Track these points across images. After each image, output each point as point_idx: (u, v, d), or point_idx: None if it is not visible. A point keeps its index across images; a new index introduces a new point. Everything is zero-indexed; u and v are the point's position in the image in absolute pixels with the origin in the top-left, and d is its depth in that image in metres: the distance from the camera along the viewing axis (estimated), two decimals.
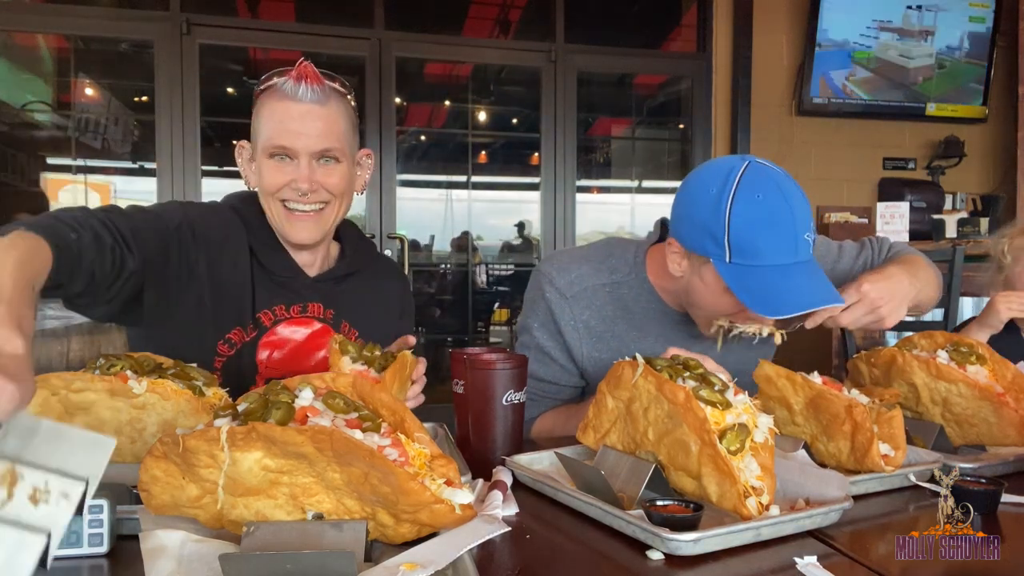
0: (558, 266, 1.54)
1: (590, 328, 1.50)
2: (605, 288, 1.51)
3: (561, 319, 1.50)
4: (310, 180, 1.36)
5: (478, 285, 5.53)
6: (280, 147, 1.35)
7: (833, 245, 1.68)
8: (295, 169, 1.36)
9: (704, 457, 0.92)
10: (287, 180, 1.36)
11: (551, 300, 1.51)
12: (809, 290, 1.25)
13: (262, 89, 1.39)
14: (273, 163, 1.37)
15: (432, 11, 4.63)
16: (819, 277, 1.29)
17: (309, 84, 1.36)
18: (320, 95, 1.37)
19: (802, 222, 1.26)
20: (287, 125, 1.35)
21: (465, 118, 5.24)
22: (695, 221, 1.30)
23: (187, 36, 4.02)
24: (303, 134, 1.35)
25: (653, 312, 1.51)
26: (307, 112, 1.35)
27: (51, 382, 0.96)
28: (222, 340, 1.36)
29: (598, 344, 1.50)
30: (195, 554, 0.75)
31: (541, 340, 1.52)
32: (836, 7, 4.50)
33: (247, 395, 0.83)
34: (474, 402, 1.15)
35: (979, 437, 1.25)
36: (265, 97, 1.38)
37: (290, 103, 1.35)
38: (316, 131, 1.36)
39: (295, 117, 1.35)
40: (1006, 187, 4.74)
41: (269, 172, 1.37)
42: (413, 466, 0.80)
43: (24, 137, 4.49)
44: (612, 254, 1.55)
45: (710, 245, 1.28)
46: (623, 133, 5.69)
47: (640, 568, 0.80)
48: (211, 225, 1.39)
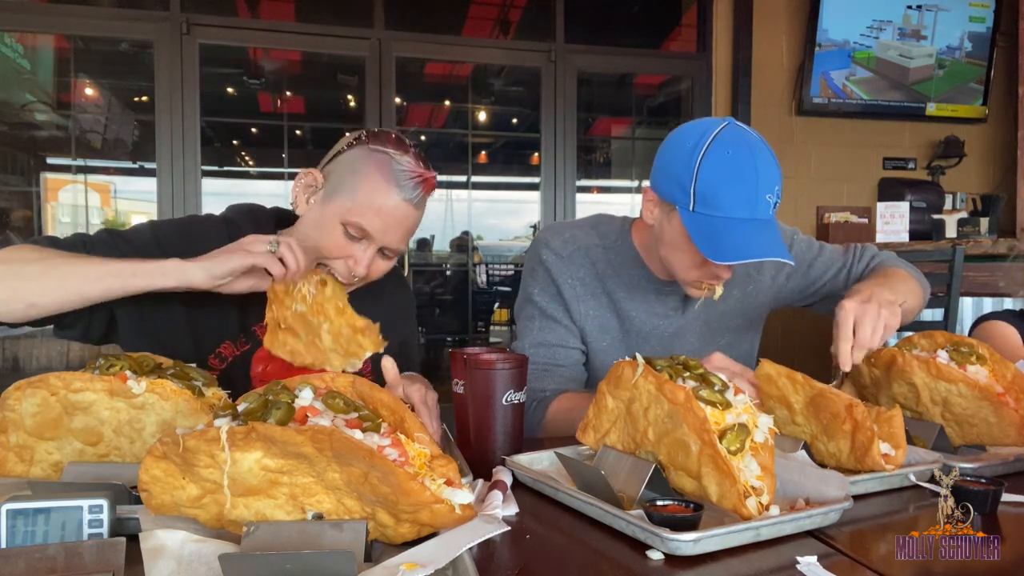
0: (552, 231, 1.63)
1: (586, 284, 1.58)
2: (598, 248, 1.60)
3: (560, 278, 1.57)
4: (367, 268, 1.34)
5: (478, 285, 5.54)
6: (362, 229, 1.31)
7: (815, 245, 1.73)
8: (359, 250, 1.33)
9: (704, 457, 0.92)
10: (346, 256, 1.33)
11: (548, 261, 1.58)
12: (759, 243, 1.32)
13: (372, 148, 1.33)
14: (342, 233, 1.32)
15: (432, 11, 4.63)
16: (774, 235, 1.35)
17: (423, 192, 1.33)
18: (423, 202, 1.35)
19: (765, 182, 1.33)
20: (382, 216, 1.30)
21: (465, 118, 5.24)
22: (668, 171, 1.39)
23: (187, 36, 4.02)
24: (391, 231, 1.32)
25: (637, 278, 1.59)
26: (405, 213, 1.32)
27: (50, 382, 0.96)
28: (212, 355, 1.35)
29: (593, 301, 1.58)
30: (195, 554, 0.75)
31: (543, 304, 1.58)
32: (836, 7, 4.50)
33: (247, 395, 0.83)
34: (474, 402, 1.15)
35: (979, 437, 1.25)
36: (371, 161, 1.31)
37: (396, 194, 1.30)
38: (401, 233, 1.34)
39: (393, 213, 1.31)
40: (1006, 187, 4.74)
41: (334, 239, 1.32)
42: (413, 466, 0.80)
43: (24, 137, 4.50)
44: (601, 222, 1.65)
45: (678, 193, 1.36)
46: (623, 133, 5.70)
47: (640, 568, 0.80)
48: (185, 241, 1.34)
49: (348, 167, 1.33)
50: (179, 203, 4.06)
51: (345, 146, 1.36)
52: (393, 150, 1.32)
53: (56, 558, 0.69)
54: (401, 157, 1.31)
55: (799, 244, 1.69)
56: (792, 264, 1.42)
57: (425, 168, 1.34)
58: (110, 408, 0.98)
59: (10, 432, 0.97)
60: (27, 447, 0.97)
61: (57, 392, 0.96)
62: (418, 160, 1.34)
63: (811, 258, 1.69)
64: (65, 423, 0.97)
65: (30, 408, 0.96)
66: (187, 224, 1.44)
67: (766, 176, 1.33)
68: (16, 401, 0.96)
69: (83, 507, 0.77)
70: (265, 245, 1.17)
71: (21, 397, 0.96)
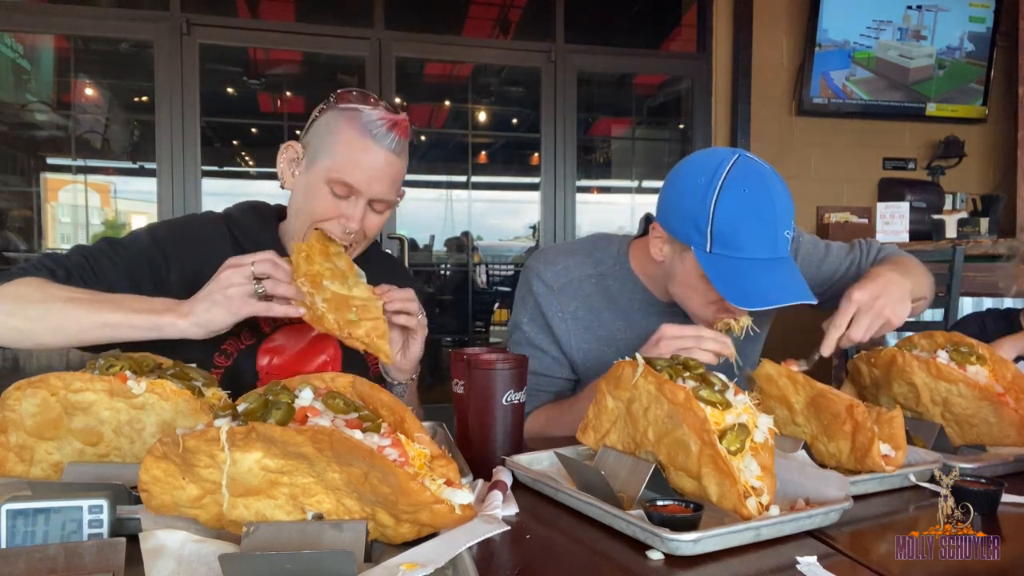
0: (544, 260, 1.58)
1: (578, 318, 1.53)
2: (591, 279, 1.55)
3: (549, 311, 1.54)
4: (360, 222, 1.35)
5: (478, 285, 5.54)
6: (346, 185, 1.32)
7: (821, 244, 1.69)
8: (349, 207, 1.34)
9: (704, 457, 0.92)
10: (337, 215, 1.34)
11: (539, 294, 1.55)
12: (781, 285, 1.29)
13: (341, 108, 1.34)
14: (329, 193, 1.34)
15: (432, 11, 4.63)
16: (794, 274, 1.33)
17: (398, 136, 1.34)
18: (402, 147, 1.36)
19: (783, 219, 1.30)
20: (362, 167, 1.32)
21: (465, 118, 5.24)
22: (681, 209, 1.34)
23: (187, 36, 4.02)
24: (375, 181, 1.33)
25: (638, 302, 1.55)
26: (385, 161, 1.33)
27: (50, 382, 0.96)
28: (217, 352, 1.35)
29: (586, 334, 1.54)
30: (195, 554, 0.75)
31: (531, 334, 1.56)
32: (836, 7, 4.50)
33: (247, 395, 0.83)
34: (474, 402, 1.15)
35: (979, 437, 1.25)
36: (343, 119, 1.33)
37: (372, 144, 1.32)
38: (386, 182, 1.35)
39: (373, 163, 1.32)
40: (1006, 187, 4.74)
41: (322, 200, 1.34)
42: (413, 466, 0.80)
43: (24, 137, 4.49)
44: (597, 247, 1.60)
45: (693, 233, 1.32)
46: (623, 133, 5.69)
47: (640, 568, 0.80)
48: (185, 242, 1.37)
49: (324, 130, 1.35)
50: (179, 203, 4.06)
51: (317, 112, 1.39)
52: (361, 104, 1.33)
53: (56, 558, 0.69)
54: (370, 110, 1.32)
55: (805, 245, 1.65)
56: (814, 303, 1.34)
57: (394, 113, 1.34)
58: (110, 408, 0.98)
59: (10, 432, 0.97)
60: (27, 447, 0.97)
61: (57, 392, 0.96)
62: (387, 109, 1.34)
63: (819, 259, 1.65)
64: (65, 423, 0.97)
65: (30, 408, 0.96)
66: (186, 224, 1.44)
67: (783, 212, 1.30)
68: (16, 401, 0.96)
69: (83, 507, 0.77)
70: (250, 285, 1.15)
71: (21, 397, 0.96)
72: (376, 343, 1.21)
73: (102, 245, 1.33)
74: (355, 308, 1.23)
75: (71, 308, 1.15)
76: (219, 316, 1.14)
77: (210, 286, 1.16)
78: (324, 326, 1.20)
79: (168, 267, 1.34)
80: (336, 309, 1.22)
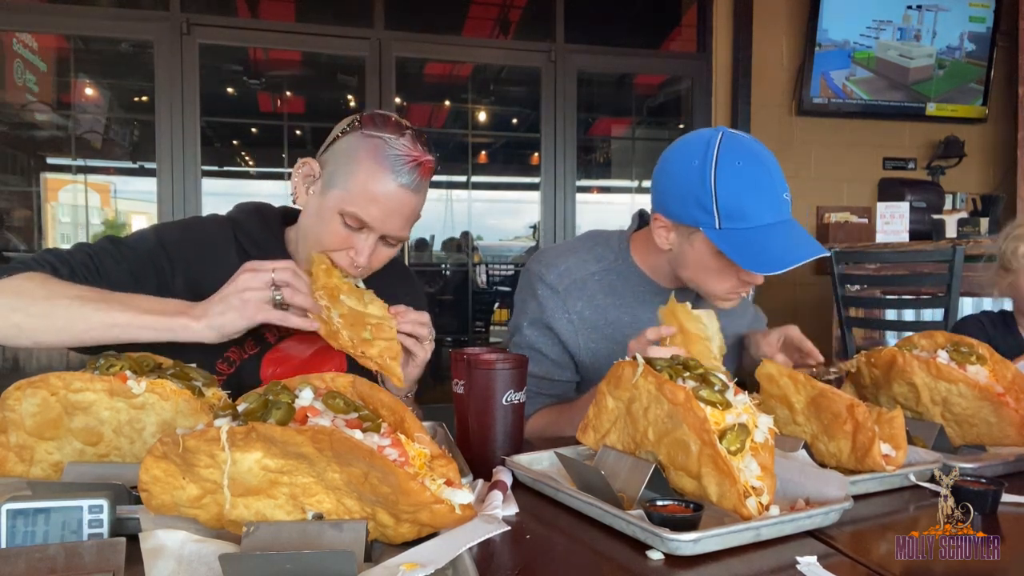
0: (546, 263, 1.58)
1: (584, 319, 1.53)
2: (594, 277, 1.55)
3: (554, 314, 1.53)
4: (368, 258, 1.31)
5: (478, 285, 5.54)
6: (360, 221, 1.27)
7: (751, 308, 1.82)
8: (359, 240, 1.29)
9: (704, 457, 0.91)
10: (347, 246, 1.30)
11: (543, 297, 1.54)
12: (796, 245, 1.33)
13: (365, 134, 1.28)
14: (340, 223, 1.28)
15: (432, 11, 4.63)
16: (802, 234, 1.37)
17: (420, 176, 1.28)
18: (423, 186, 1.30)
19: (780, 183, 1.36)
20: (378, 204, 1.26)
21: (465, 118, 5.24)
22: (680, 194, 1.37)
23: (187, 36, 4.02)
24: (389, 219, 1.28)
25: (643, 293, 1.56)
26: (403, 201, 1.28)
27: (50, 382, 0.95)
28: (220, 359, 1.32)
29: (593, 334, 1.53)
30: (195, 554, 0.75)
31: (532, 338, 1.55)
32: (836, 7, 4.50)
33: (247, 395, 0.83)
34: (474, 402, 1.15)
35: (979, 437, 1.25)
36: (364, 147, 1.27)
37: (391, 181, 1.26)
38: (401, 220, 1.30)
39: (392, 204, 1.27)
40: (1006, 187, 4.74)
41: (332, 232, 1.29)
42: (413, 466, 0.80)
43: (24, 137, 4.50)
44: (597, 243, 1.61)
45: (699, 214, 1.35)
46: (623, 133, 5.70)
47: (640, 568, 0.80)
48: (191, 245, 1.34)
49: (343, 155, 1.28)
50: (179, 203, 4.06)
51: (340, 132, 1.32)
52: (388, 134, 1.27)
53: (56, 558, 0.69)
54: (396, 141, 1.26)
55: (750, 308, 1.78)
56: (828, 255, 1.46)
57: (423, 151, 1.28)
58: (110, 408, 0.97)
59: (10, 432, 0.97)
60: (27, 447, 0.97)
61: (57, 392, 0.96)
62: (415, 142, 1.28)
63: None
64: (65, 423, 0.97)
65: (30, 408, 0.96)
66: (192, 227, 1.42)
67: (778, 177, 1.35)
68: (16, 401, 0.96)
69: (83, 507, 0.77)
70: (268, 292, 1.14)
71: (21, 397, 0.95)
72: (389, 364, 1.18)
73: (106, 244, 1.31)
74: (370, 327, 1.21)
75: (78, 306, 1.12)
76: (233, 320, 1.12)
77: (226, 289, 1.14)
78: (338, 342, 1.18)
79: (174, 271, 1.31)
80: (351, 326, 1.20)
